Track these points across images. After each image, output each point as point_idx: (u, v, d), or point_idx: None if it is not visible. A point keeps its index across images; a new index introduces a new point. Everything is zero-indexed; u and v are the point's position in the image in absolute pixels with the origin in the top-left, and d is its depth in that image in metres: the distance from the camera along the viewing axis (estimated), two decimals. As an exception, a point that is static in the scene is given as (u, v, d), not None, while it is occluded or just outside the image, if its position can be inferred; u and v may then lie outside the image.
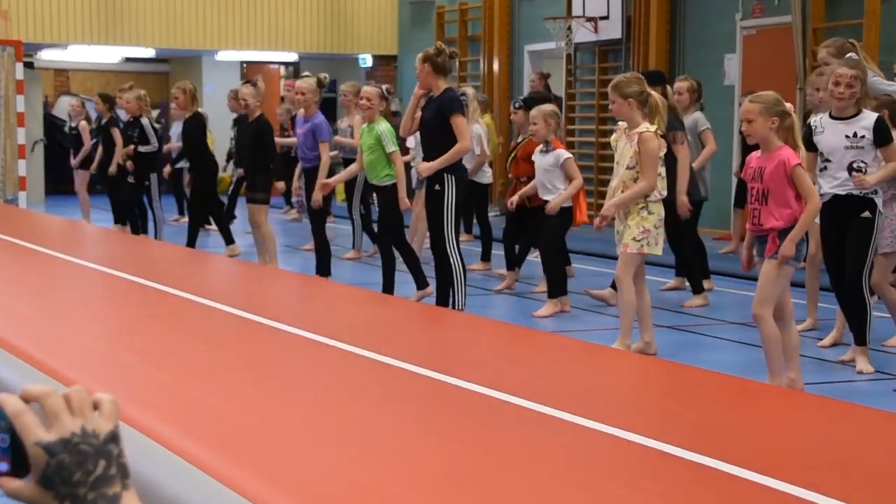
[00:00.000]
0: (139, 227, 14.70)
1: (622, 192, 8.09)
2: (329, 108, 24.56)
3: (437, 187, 9.19)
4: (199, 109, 14.07)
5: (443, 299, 9.42)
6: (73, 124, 17.04)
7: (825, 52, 9.40)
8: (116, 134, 15.19)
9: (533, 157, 10.61)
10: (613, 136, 8.41)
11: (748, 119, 6.89)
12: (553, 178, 10.32)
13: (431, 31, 22.46)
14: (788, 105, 7.11)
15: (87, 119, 16.83)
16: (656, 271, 11.83)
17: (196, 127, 13.67)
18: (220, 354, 6.26)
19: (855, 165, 7.66)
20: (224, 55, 24.03)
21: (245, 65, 25.81)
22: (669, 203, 8.98)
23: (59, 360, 5.77)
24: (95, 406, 1.56)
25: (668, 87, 10.78)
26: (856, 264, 7.82)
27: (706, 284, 11.18)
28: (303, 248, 14.70)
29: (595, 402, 5.23)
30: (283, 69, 27.30)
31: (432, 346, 6.87)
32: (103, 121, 15.79)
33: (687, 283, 11.32)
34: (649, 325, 8.31)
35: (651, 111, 8.09)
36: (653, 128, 8.04)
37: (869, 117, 7.77)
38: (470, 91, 13.57)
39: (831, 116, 7.89)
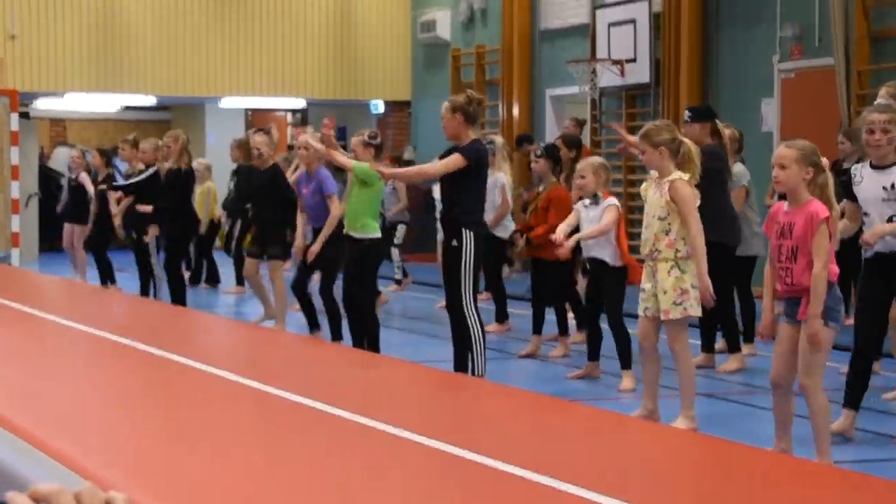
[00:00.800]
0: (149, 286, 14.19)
1: (654, 244, 7.82)
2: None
3: (454, 243, 8.92)
4: (197, 161, 13.77)
5: (461, 364, 9.06)
6: (73, 176, 16.49)
7: (885, 91, 8.95)
8: (111, 196, 14.94)
9: (576, 209, 9.88)
10: (643, 186, 8.17)
11: (781, 164, 6.61)
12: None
13: (446, 74, 21.92)
14: (825, 160, 6.80)
15: (88, 170, 16.29)
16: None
17: (185, 181, 13.37)
18: (228, 426, 6.25)
19: (895, 220, 7.39)
20: (228, 102, 23.56)
21: (250, 112, 25.34)
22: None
23: (51, 432, 5.75)
24: None
25: (718, 122, 10.25)
26: None
27: (746, 349, 10.70)
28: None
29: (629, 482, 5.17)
30: (290, 116, 26.81)
31: (451, 418, 6.78)
32: (100, 177, 15.43)
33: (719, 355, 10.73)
34: (656, 393, 8.00)
35: (684, 159, 7.83)
36: (686, 176, 7.79)
37: None
38: (499, 140, 13.46)
39: (871, 165, 7.60)
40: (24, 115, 21.22)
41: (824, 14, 14.60)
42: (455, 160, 8.80)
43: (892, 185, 7.37)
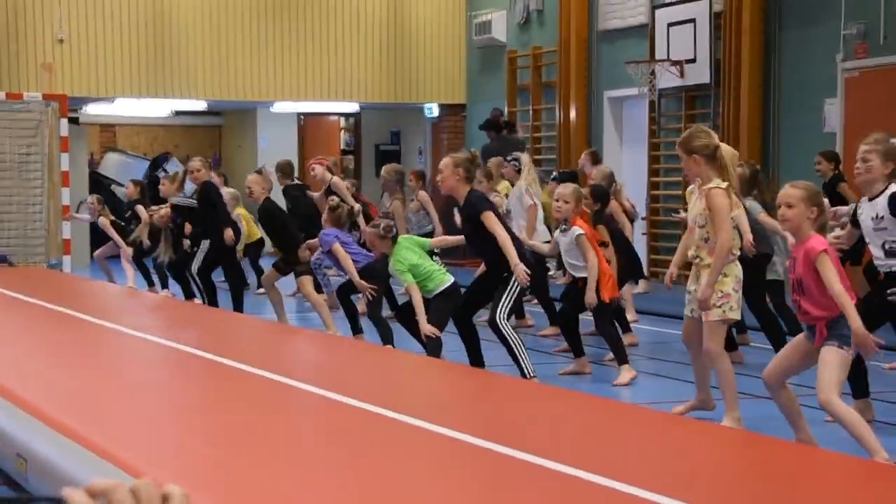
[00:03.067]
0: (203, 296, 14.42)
1: (696, 250, 8.11)
2: (395, 157, 24.31)
3: (505, 275, 9.45)
4: (224, 190, 14.41)
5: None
6: (94, 219, 16.79)
7: None
8: (141, 210, 15.79)
9: (555, 238, 10.73)
10: (689, 189, 8.38)
11: (788, 203, 6.90)
12: (577, 256, 10.35)
13: (502, 77, 22.15)
14: (826, 202, 7.22)
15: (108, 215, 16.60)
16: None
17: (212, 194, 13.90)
18: (291, 432, 6.34)
19: (887, 247, 7.74)
20: (280, 106, 23.81)
21: (302, 116, 25.61)
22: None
23: (107, 438, 5.85)
24: (165, 499, 1.62)
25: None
26: None
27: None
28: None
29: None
30: (342, 120, 27.08)
31: (501, 419, 6.89)
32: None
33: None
34: (707, 383, 8.37)
35: (721, 166, 7.95)
36: (723, 184, 7.89)
37: (889, 191, 7.73)
38: (525, 157, 14.13)
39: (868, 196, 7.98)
40: (74, 121, 21.56)
41: (890, 11, 14.74)
42: (492, 218, 9.41)
43: (877, 216, 7.69)
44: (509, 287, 9.43)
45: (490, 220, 9.38)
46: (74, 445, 5.77)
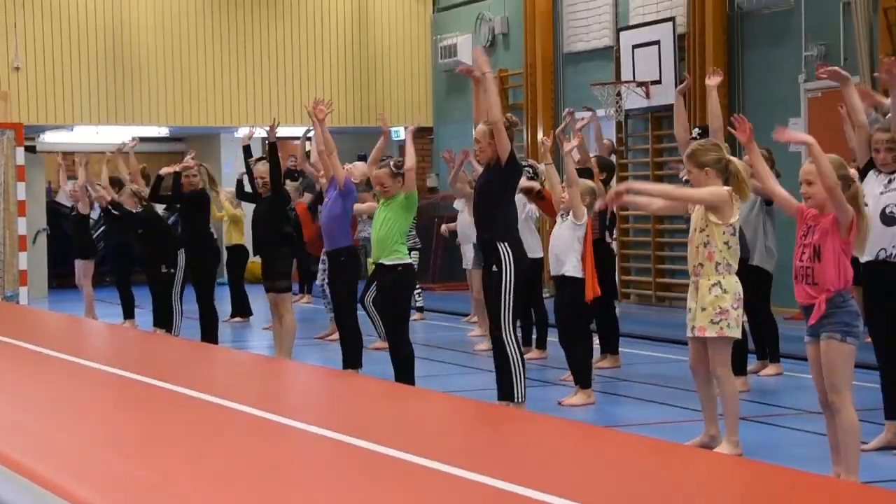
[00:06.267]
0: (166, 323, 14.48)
1: (696, 257, 8.13)
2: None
3: (494, 268, 9.43)
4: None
5: (504, 392, 9.56)
6: (73, 206, 17.06)
7: None
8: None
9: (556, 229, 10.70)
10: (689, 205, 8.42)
11: (808, 181, 7.01)
12: (567, 250, 10.46)
13: (468, 100, 22.46)
14: (853, 171, 7.25)
15: (90, 204, 16.85)
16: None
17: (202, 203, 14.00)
18: (244, 460, 6.23)
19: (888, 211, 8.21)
20: (244, 132, 24.09)
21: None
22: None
23: (57, 472, 5.81)
24: None
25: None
26: None
27: (773, 369, 11.63)
28: (328, 338, 14.74)
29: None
30: (308, 144, 27.45)
31: (491, 449, 6.70)
32: (104, 206, 15.96)
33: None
34: (715, 416, 8.33)
35: (734, 179, 8.05)
36: (728, 188, 8.03)
37: None
38: (542, 167, 13.93)
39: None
40: (31, 149, 21.85)
41: (849, 33, 15.25)
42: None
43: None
44: (503, 286, 9.36)
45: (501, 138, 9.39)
46: (20, 478, 5.75)
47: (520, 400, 9.45)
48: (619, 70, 18.85)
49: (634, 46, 18.48)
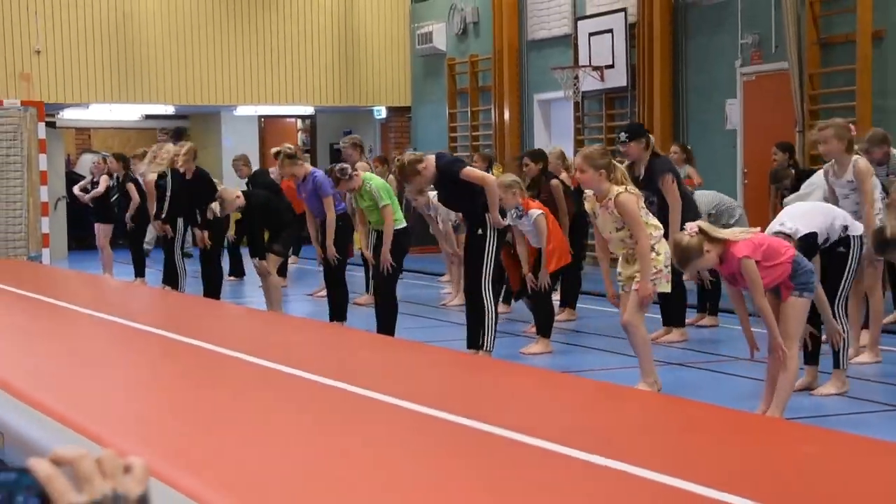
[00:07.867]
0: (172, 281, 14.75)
1: (624, 249, 8.32)
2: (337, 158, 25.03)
3: (479, 231, 9.64)
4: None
5: (473, 341, 9.82)
6: (96, 179, 17.52)
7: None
8: (132, 189, 16.30)
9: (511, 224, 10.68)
10: (588, 206, 8.52)
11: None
12: (540, 240, 10.62)
13: (443, 82, 22.95)
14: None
15: (109, 174, 17.31)
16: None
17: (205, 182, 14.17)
18: (243, 404, 6.19)
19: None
20: (242, 110, 24.58)
21: (263, 119, 26.33)
22: None
23: (83, 415, 5.69)
24: (127, 469, 1.55)
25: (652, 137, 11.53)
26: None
27: (710, 321, 12.03)
28: (316, 294, 15.06)
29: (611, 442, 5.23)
30: (299, 122, 27.85)
31: (459, 391, 6.75)
32: (119, 178, 16.45)
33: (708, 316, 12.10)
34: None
35: (618, 180, 8.25)
36: (621, 188, 8.20)
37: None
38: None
39: None
40: (51, 125, 22.14)
41: (779, 23, 15.58)
42: (472, 170, 9.88)
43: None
44: (485, 249, 9.56)
45: (470, 172, 9.68)
46: (48, 420, 5.63)
47: (488, 349, 9.74)
48: (576, 55, 19.13)
49: (590, 34, 18.75)
